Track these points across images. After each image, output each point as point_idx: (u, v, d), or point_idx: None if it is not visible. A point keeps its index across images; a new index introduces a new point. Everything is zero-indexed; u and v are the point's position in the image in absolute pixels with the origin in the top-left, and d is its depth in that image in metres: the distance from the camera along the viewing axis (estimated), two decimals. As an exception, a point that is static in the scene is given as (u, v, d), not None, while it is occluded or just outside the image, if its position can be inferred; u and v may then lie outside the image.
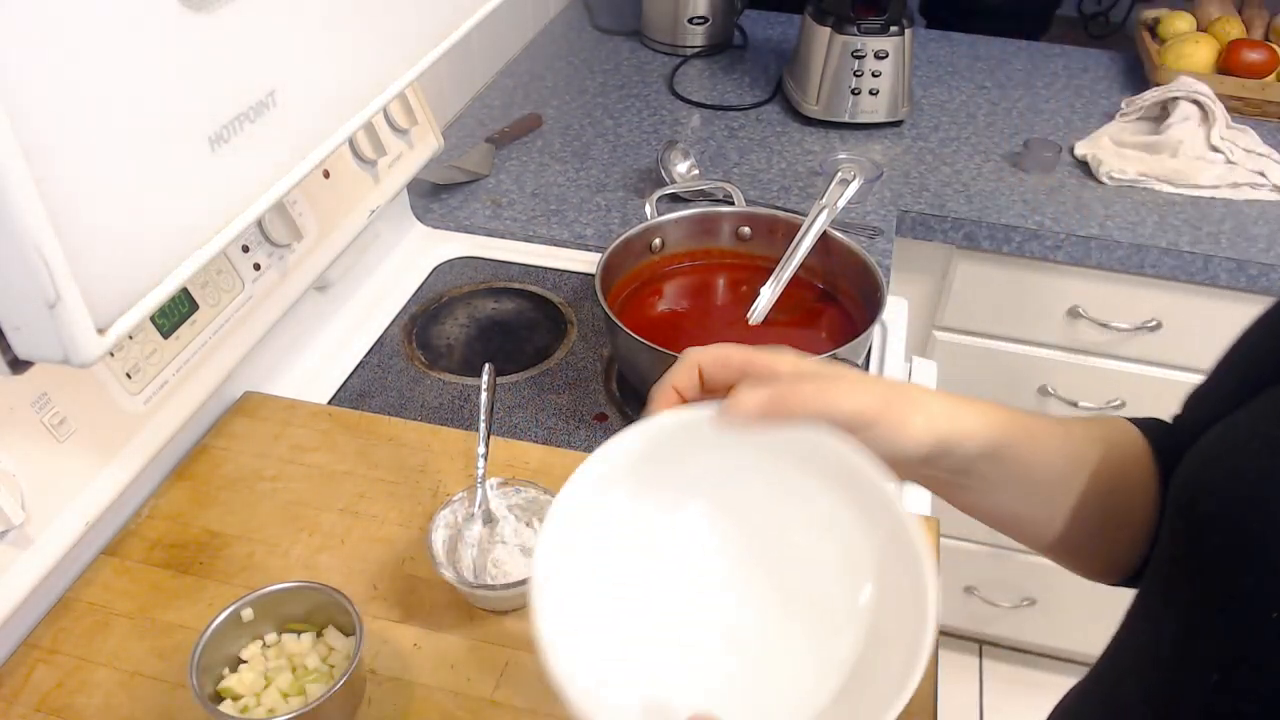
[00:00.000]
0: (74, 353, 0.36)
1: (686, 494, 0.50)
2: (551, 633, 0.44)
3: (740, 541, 0.50)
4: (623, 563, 0.49)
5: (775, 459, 0.48)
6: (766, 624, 0.49)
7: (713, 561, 0.50)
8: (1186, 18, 1.65)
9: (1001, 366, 1.50)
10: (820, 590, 0.48)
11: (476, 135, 1.47)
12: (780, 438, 0.46)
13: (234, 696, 0.68)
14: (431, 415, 0.99)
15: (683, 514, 0.50)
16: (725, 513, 0.50)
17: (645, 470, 0.49)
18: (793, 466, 0.48)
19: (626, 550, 0.50)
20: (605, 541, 0.49)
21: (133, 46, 0.35)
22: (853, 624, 0.47)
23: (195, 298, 0.87)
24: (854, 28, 1.43)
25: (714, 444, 0.48)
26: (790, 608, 0.49)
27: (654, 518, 0.50)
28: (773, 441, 0.47)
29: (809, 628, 0.48)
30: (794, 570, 0.49)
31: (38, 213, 0.32)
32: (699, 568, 0.50)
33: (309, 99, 0.45)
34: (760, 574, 0.50)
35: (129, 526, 0.83)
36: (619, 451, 0.48)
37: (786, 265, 1.02)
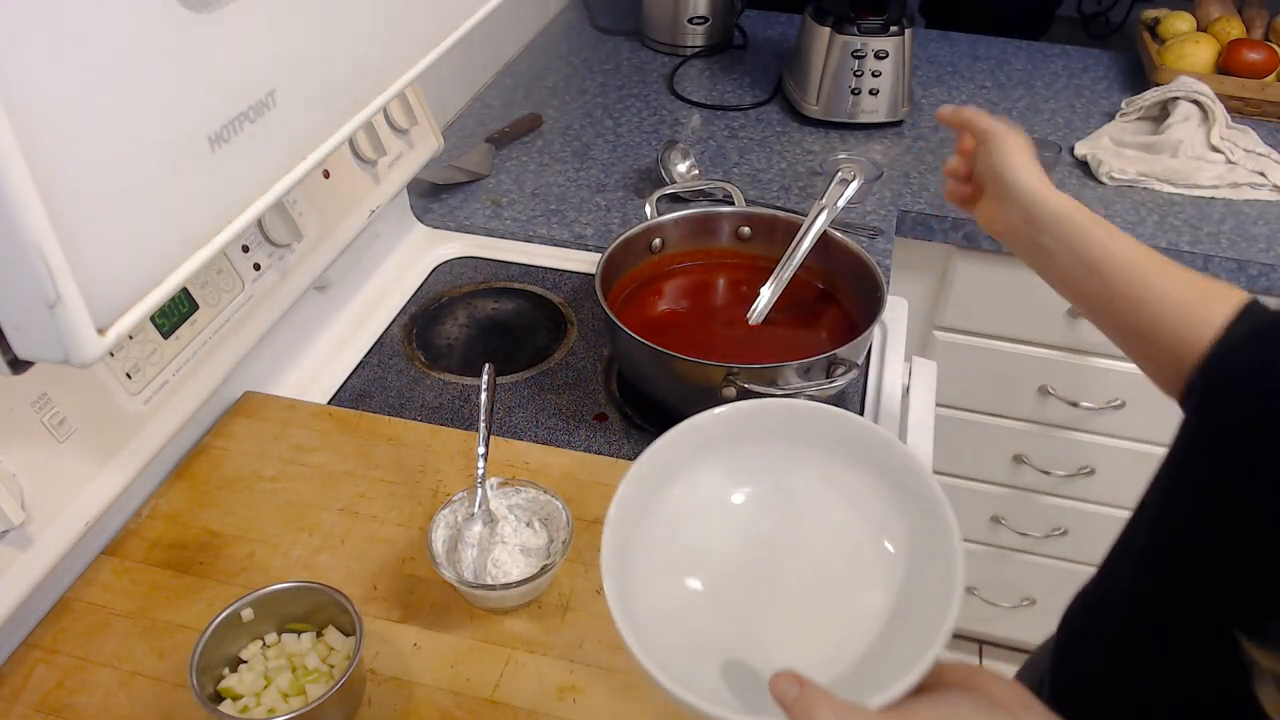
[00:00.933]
0: (74, 353, 0.36)
1: (741, 477, 0.57)
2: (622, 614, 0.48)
3: (789, 517, 0.56)
4: (683, 536, 0.56)
5: (826, 448, 0.55)
6: (813, 591, 0.54)
7: (765, 534, 0.56)
8: (1186, 18, 1.65)
9: (1001, 366, 1.50)
10: (859, 559, 0.54)
11: (476, 135, 1.47)
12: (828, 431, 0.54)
13: (234, 696, 0.68)
14: (431, 415, 0.99)
15: (738, 496, 0.57)
16: (779, 493, 0.56)
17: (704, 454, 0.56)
18: (838, 453, 0.55)
19: (686, 524, 0.56)
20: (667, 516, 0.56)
21: (133, 46, 0.35)
22: (889, 588, 0.52)
23: (195, 298, 0.87)
24: (854, 28, 1.43)
25: (775, 433, 0.55)
26: (833, 574, 0.55)
27: (711, 499, 0.56)
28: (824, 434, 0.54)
29: (852, 593, 0.53)
30: (834, 541, 0.55)
31: (38, 213, 0.32)
32: (753, 540, 0.56)
33: (309, 99, 0.45)
34: (804, 548, 0.56)
35: (129, 526, 0.83)
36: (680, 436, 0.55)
37: (786, 265, 1.02)
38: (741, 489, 0.57)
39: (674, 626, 0.52)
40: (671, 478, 0.56)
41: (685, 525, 0.56)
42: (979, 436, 1.60)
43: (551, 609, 0.77)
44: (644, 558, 0.54)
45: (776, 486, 0.57)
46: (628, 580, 0.51)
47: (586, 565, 0.80)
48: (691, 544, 0.56)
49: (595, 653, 0.74)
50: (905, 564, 0.52)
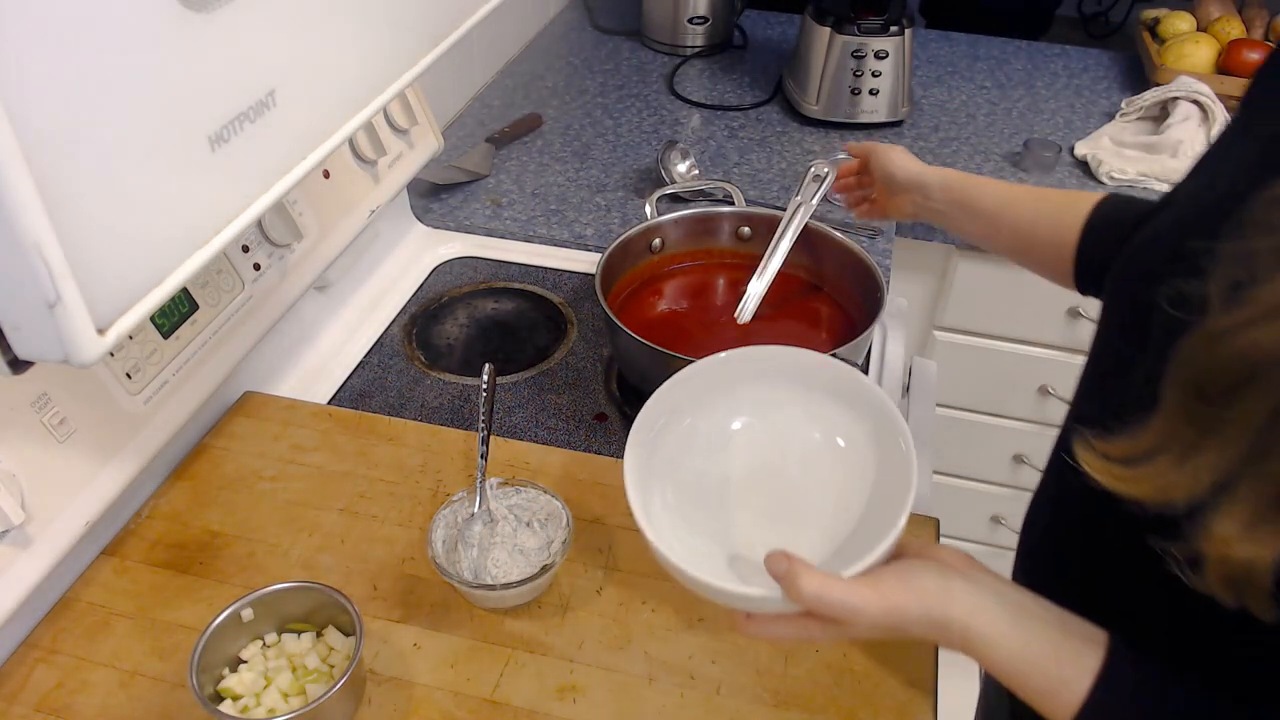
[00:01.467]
0: (74, 353, 0.36)
1: (738, 411, 0.69)
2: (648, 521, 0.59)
3: (778, 442, 0.68)
4: (691, 457, 0.68)
5: (806, 387, 0.67)
6: (799, 498, 0.67)
7: (759, 458, 0.68)
8: (1186, 18, 1.65)
9: (1001, 366, 1.50)
10: (835, 471, 0.66)
11: (476, 135, 1.47)
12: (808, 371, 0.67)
13: (234, 696, 0.68)
14: (431, 415, 0.99)
15: (736, 424, 0.69)
16: (769, 424, 0.69)
17: (709, 393, 0.68)
18: (818, 390, 0.67)
19: (695, 448, 0.68)
20: (679, 440, 0.67)
21: (133, 46, 0.35)
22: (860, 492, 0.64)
23: (195, 298, 0.87)
24: (854, 28, 1.43)
25: (763, 373, 0.68)
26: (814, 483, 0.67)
27: (715, 428, 0.69)
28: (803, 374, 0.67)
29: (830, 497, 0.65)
30: (813, 457, 0.67)
31: (38, 213, 0.32)
32: (749, 461, 0.68)
33: (309, 99, 0.45)
34: (793, 463, 0.68)
35: (129, 526, 0.83)
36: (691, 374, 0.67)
37: (768, 262, 1.02)
38: (739, 419, 0.69)
39: (685, 528, 0.64)
40: (681, 410, 0.68)
41: (693, 448, 0.68)
42: (979, 436, 1.60)
43: (551, 609, 0.77)
44: (659, 474, 0.65)
45: (767, 416, 0.69)
46: (650, 496, 0.63)
47: (586, 565, 0.80)
48: (698, 463, 0.68)
49: (595, 653, 0.74)
50: (875, 471, 0.64)
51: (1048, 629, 0.54)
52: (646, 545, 0.58)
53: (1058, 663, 0.53)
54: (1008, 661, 0.53)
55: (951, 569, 0.56)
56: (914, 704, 0.70)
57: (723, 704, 0.70)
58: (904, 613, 0.54)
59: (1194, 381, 0.41)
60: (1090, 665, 0.52)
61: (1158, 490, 0.43)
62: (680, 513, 0.65)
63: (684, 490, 0.67)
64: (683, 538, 0.63)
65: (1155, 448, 0.44)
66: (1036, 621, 0.54)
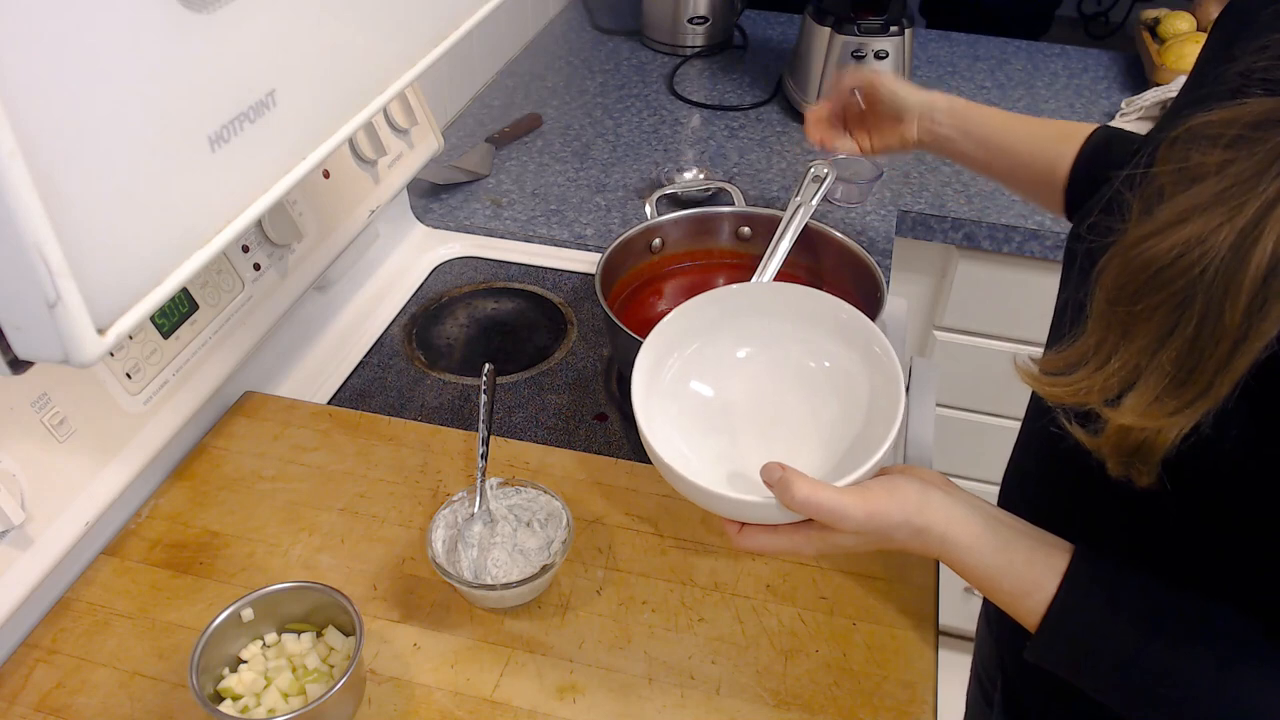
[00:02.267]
0: (74, 353, 0.36)
1: (744, 341, 0.73)
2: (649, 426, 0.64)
3: (778, 372, 0.73)
4: (696, 379, 0.72)
5: (808, 321, 0.71)
6: (797, 422, 0.71)
7: (760, 385, 0.73)
8: (1186, 18, 1.65)
9: (1001, 366, 1.49)
10: (832, 398, 0.71)
11: (476, 135, 1.47)
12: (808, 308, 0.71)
13: (234, 696, 0.68)
14: (431, 415, 0.99)
15: (741, 353, 0.74)
16: (772, 353, 0.73)
17: (717, 322, 0.72)
18: (818, 324, 0.71)
19: (701, 371, 0.73)
20: (686, 362, 0.72)
21: (133, 46, 0.35)
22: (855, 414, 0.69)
23: (195, 298, 0.87)
24: (854, 28, 1.43)
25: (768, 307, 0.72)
26: (812, 407, 0.71)
27: (721, 354, 0.73)
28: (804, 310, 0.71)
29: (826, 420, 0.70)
30: (813, 387, 0.72)
31: (38, 213, 0.32)
32: (750, 388, 0.73)
33: (309, 99, 0.45)
34: (792, 391, 0.72)
35: (129, 526, 0.83)
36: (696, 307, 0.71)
37: (768, 262, 1.02)
38: (744, 347, 0.74)
39: (686, 444, 0.68)
40: (691, 335, 0.72)
41: (699, 372, 0.73)
42: (979, 436, 1.60)
43: (551, 609, 0.77)
44: (665, 392, 0.70)
45: (770, 346, 0.73)
46: (651, 408, 0.67)
47: (586, 565, 0.80)
48: (702, 385, 0.73)
49: (595, 653, 0.74)
50: (868, 398, 0.68)
51: (1019, 536, 0.59)
52: (650, 453, 0.63)
53: (1029, 565, 0.57)
54: (981, 566, 0.58)
55: (931, 483, 0.61)
56: (914, 704, 0.70)
57: (723, 704, 0.70)
58: (887, 517, 0.58)
59: (1110, 291, 0.48)
60: (1058, 566, 0.57)
61: (1079, 393, 0.50)
62: (682, 429, 0.70)
63: (688, 409, 0.71)
64: (683, 452, 0.67)
65: (1080, 359, 0.50)
66: (1008, 530, 0.59)
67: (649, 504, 0.85)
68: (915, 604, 0.77)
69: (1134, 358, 0.47)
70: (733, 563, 0.80)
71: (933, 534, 0.58)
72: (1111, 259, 0.48)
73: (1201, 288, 0.43)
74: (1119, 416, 0.48)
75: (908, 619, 0.76)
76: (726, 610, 0.77)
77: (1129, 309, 0.47)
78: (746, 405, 0.73)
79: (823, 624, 0.75)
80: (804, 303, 0.71)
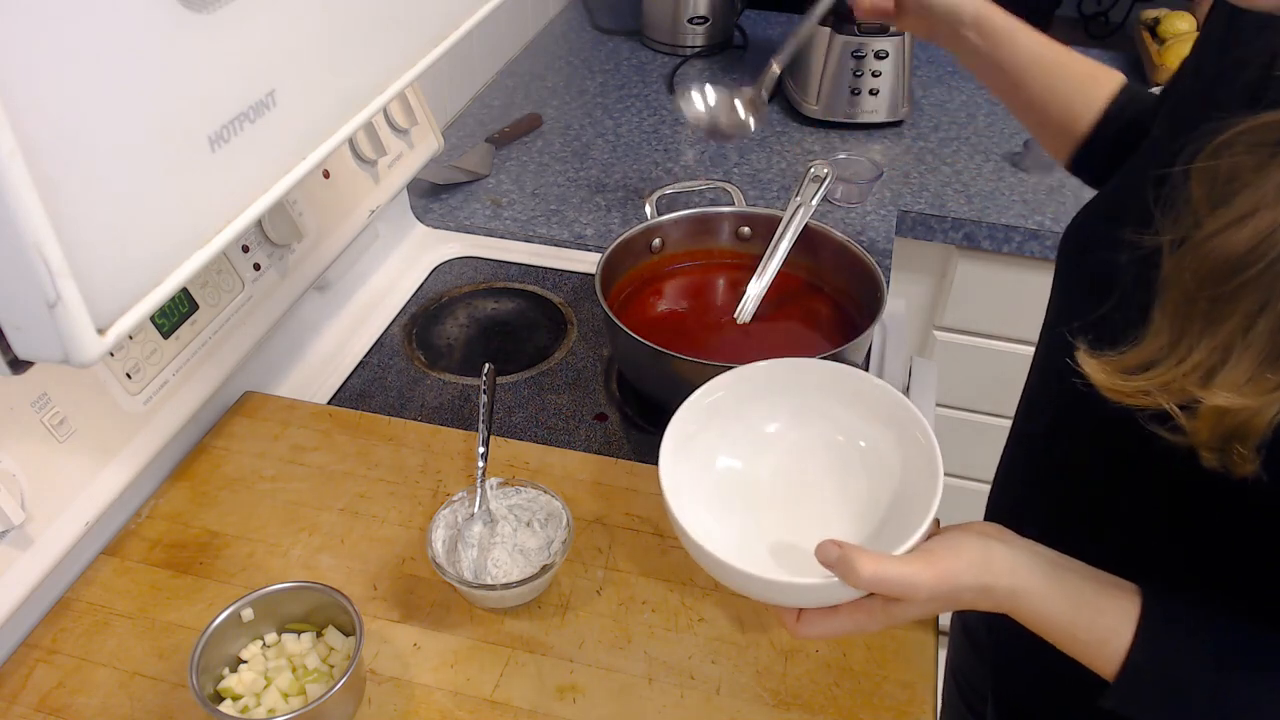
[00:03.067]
0: (74, 353, 0.36)
1: (772, 417, 0.71)
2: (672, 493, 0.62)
3: (807, 447, 0.70)
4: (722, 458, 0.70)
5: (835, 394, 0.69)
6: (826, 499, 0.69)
7: (786, 461, 0.71)
8: (1186, 18, 1.65)
9: (1001, 366, 1.49)
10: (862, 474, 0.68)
11: (476, 135, 1.47)
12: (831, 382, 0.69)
13: (234, 696, 0.68)
14: (431, 415, 0.99)
15: (770, 428, 0.71)
16: (798, 430, 0.71)
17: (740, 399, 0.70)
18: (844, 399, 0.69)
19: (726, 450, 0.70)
20: (711, 441, 0.69)
21: (133, 46, 0.35)
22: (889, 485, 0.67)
23: (195, 298, 0.87)
24: (854, 28, 1.43)
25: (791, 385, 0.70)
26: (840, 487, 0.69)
27: (749, 429, 0.71)
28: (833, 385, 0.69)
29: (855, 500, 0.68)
30: (842, 463, 0.69)
31: (38, 213, 0.32)
32: (776, 464, 0.71)
33: (309, 99, 0.45)
34: (821, 466, 0.70)
35: (129, 526, 0.83)
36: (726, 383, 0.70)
37: (768, 262, 1.02)
38: (772, 424, 0.71)
39: (716, 526, 0.65)
40: (716, 414, 0.70)
41: (724, 450, 0.70)
42: (979, 436, 1.60)
43: (551, 609, 0.77)
44: (694, 475, 0.67)
45: (796, 423, 0.71)
46: (681, 491, 0.63)
47: (586, 565, 0.80)
48: (729, 464, 0.71)
49: (595, 653, 0.74)
50: (900, 471, 0.66)
51: (1084, 581, 0.56)
52: (688, 546, 0.60)
53: (1100, 613, 0.55)
54: (1053, 615, 0.56)
55: (989, 535, 0.58)
56: (914, 704, 0.70)
57: (723, 704, 0.70)
58: (957, 579, 0.55)
59: (1189, 285, 0.48)
60: (1130, 610, 0.55)
61: (1163, 387, 0.49)
62: (709, 505, 0.67)
63: (715, 489, 0.69)
64: (709, 527, 0.63)
65: (1154, 356, 0.50)
66: (1074, 575, 0.56)
67: (649, 504, 0.85)
68: (915, 604, 0.77)
69: (1223, 340, 0.47)
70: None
71: (1000, 589, 0.56)
72: (1183, 258, 0.48)
73: None
74: (1213, 397, 0.47)
75: (908, 619, 0.76)
76: (726, 610, 0.77)
77: (1213, 294, 0.47)
78: (773, 482, 0.71)
79: (823, 624, 0.75)
80: (832, 378, 0.70)
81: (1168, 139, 0.61)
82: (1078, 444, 0.67)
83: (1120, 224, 0.56)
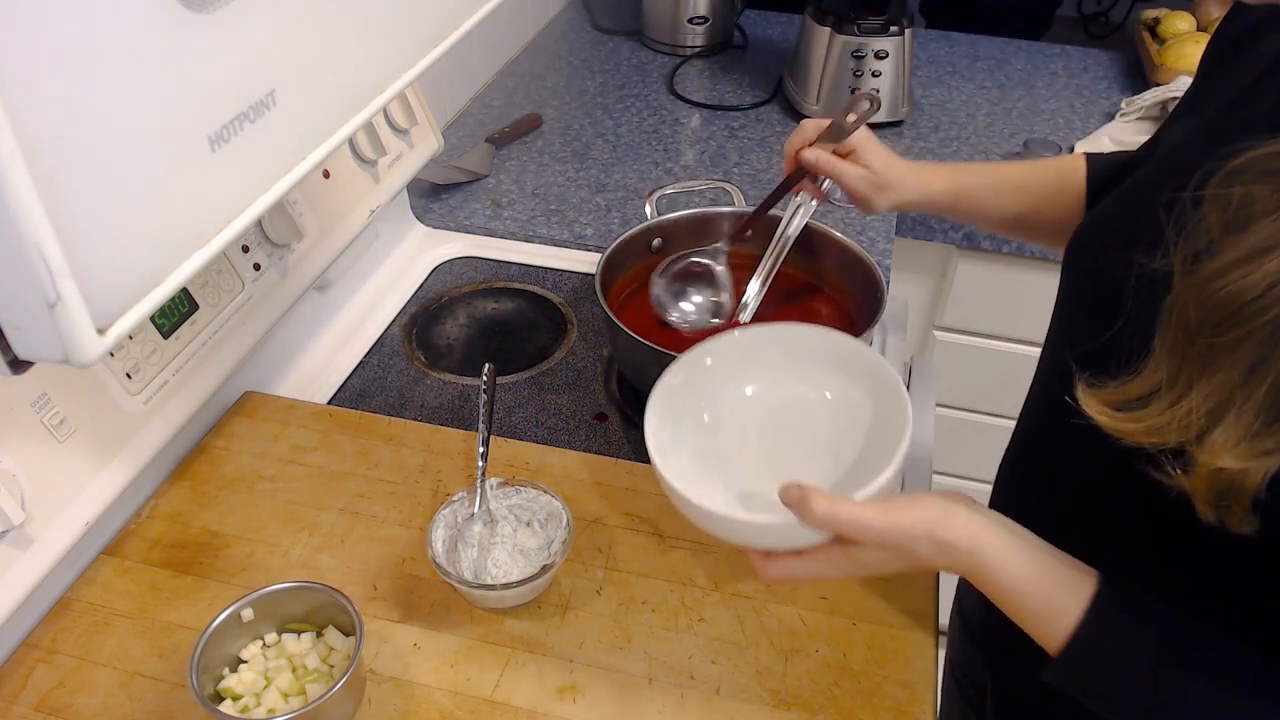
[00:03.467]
0: (74, 353, 0.36)
1: (752, 379, 0.75)
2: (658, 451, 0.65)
3: (784, 404, 0.74)
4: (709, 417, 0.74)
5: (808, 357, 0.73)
6: (803, 451, 0.73)
7: (765, 418, 0.74)
8: (1186, 18, 1.65)
9: (1001, 366, 1.50)
10: (836, 426, 0.72)
11: (476, 135, 1.47)
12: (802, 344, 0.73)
13: (234, 696, 0.68)
14: (431, 415, 0.99)
15: (749, 390, 0.75)
16: (777, 389, 0.74)
17: (729, 361, 0.74)
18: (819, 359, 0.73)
19: (712, 410, 0.74)
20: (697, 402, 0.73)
21: (133, 46, 0.35)
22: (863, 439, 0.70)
23: (195, 298, 0.87)
24: (854, 28, 1.43)
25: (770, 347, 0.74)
26: (817, 439, 0.72)
27: (732, 392, 0.75)
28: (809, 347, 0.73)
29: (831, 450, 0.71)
30: (821, 417, 0.73)
31: (38, 213, 0.32)
32: (756, 420, 0.74)
33: (309, 99, 0.45)
34: (801, 422, 0.73)
35: (129, 526, 0.83)
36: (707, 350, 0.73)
37: (769, 262, 1.02)
38: (751, 385, 0.75)
39: (697, 477, 0.68)
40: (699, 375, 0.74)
41: (711, 408, 0.74)
42: (979, 436, 1.60)
43: (551, 609, 0.77)
44: (679, 431, 0.71)
45: (775, 383, 0.74)
46: (664, 441, 0.67)
47: (586, 565, 0.80)
48: (710, 422, 0.74)
49: (595, 653, 0.74)
50: (871, 422, 0.69)
51: (1046, 555, 0.57)
52: (666, 489, 0.63)
53: (1056, 586, 0.56)
54: (1009, 580, 0.57)
55: (955, 500, 0.60)
56: (914, 704, 0.70)
57: (723, 704, 0.70)
58: (909, 531, 0.57)
59: (1187, 324, 0.46)
60: (1084, 591, 0.55)
61: (1155, 431, 0.48)
62: (696, 463, 0.70)
63: (700, 443, 0.72)
64: (695, 484, 0.66)
65: (1150, 389, 0.49)
66: (1035, 549, 0.58)
67: (649, 504, 0.85)
68: (915, 604, 0.77)
69: (1218, 391, 0.45)
70: (733, 563, 0.80)
71: (960, 548, 0.57)
72: (1185, 291, 0.47)
73: None
74: (1212, 458, 0.46)
75: (908, 619, 0.76)
76: (726, 610, 0.77)
77: (1210, 340, 0.45)
78: (753, 437, 0.74)
79: (823, 624, 0.75)
80: (808, 341, 0.73)
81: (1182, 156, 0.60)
82: (1076, 478, 0.67)
83: (1129, 242, 0.55)
